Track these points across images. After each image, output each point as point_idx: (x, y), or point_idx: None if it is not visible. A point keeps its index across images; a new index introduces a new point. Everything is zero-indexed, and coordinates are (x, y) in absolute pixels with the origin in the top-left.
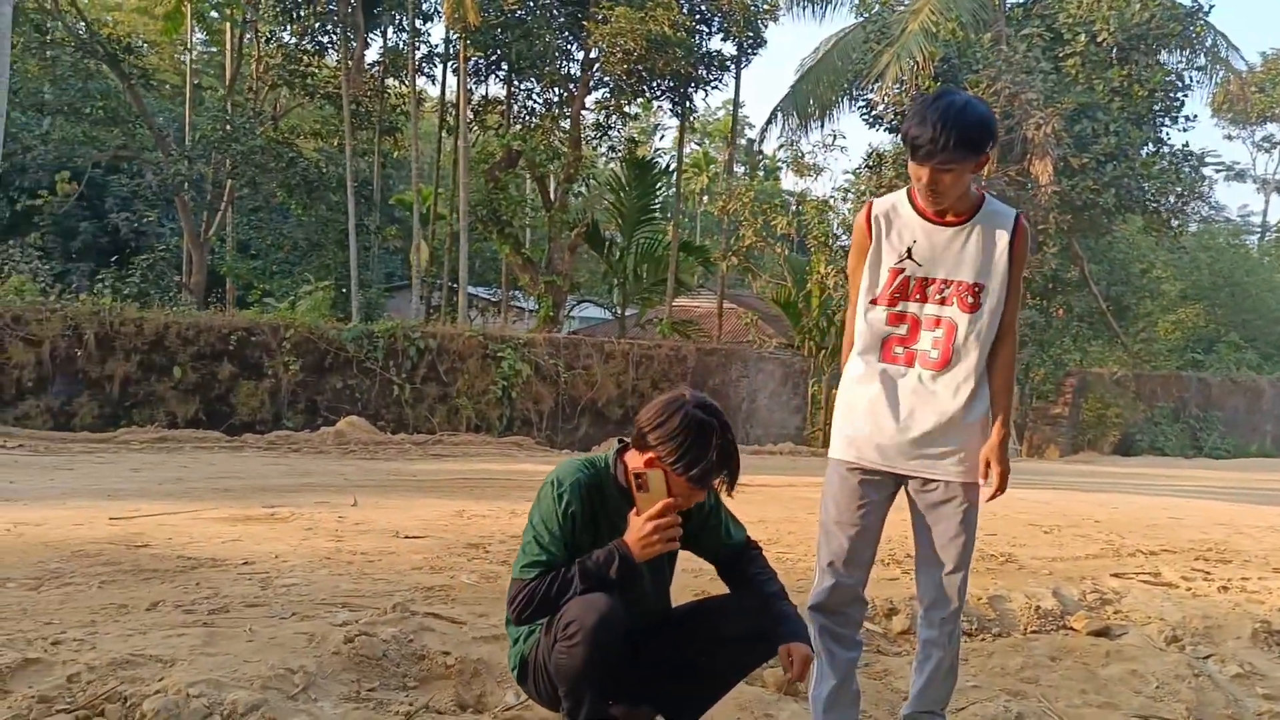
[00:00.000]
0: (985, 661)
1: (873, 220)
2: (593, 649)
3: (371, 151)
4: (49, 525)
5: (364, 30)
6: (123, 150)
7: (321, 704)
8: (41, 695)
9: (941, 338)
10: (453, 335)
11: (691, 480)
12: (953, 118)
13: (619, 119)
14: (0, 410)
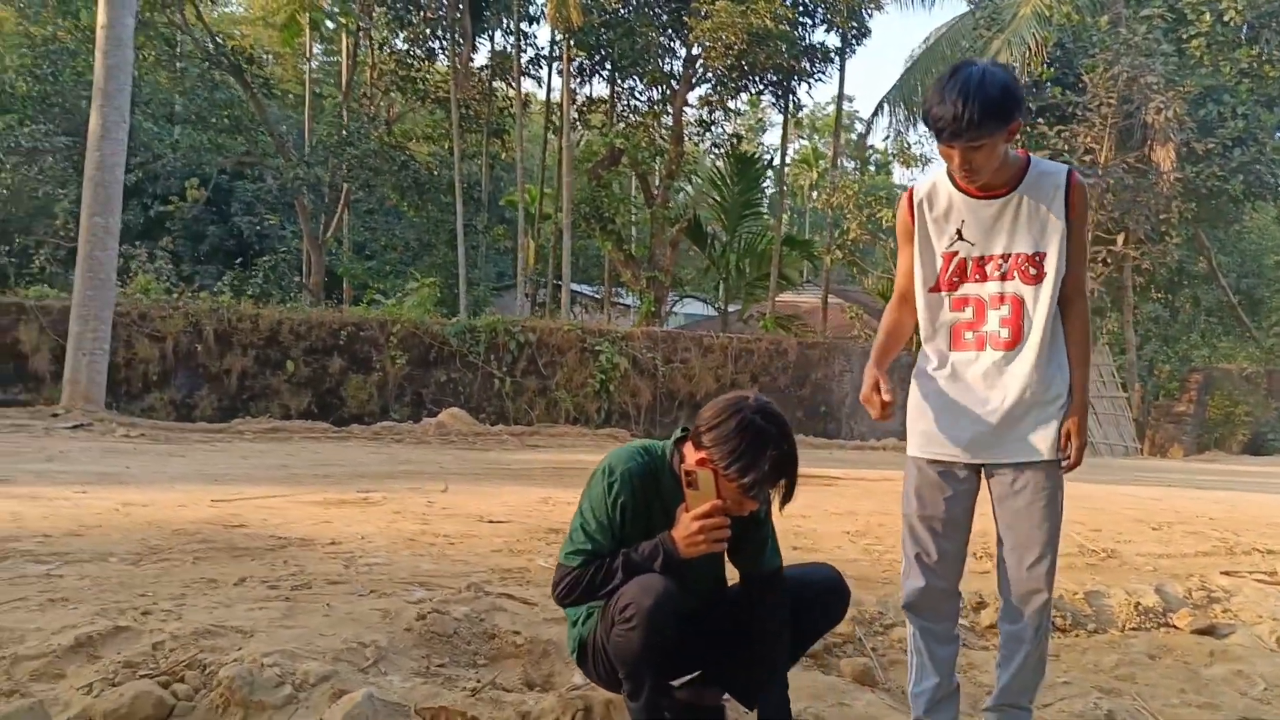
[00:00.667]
0: (1078, 658)
1: (915, 207)
2: (649, 631)
3: (481, 153)
4: (155, 506)
5: (471, 34)
6: (246, 157)
7: (391, 677)
8: (127, 660)
9: (1009, 315)
10: (552, 329)
11: (742, 488)
12: (973, 91)
13: (722, 114)
14: (128, 402)
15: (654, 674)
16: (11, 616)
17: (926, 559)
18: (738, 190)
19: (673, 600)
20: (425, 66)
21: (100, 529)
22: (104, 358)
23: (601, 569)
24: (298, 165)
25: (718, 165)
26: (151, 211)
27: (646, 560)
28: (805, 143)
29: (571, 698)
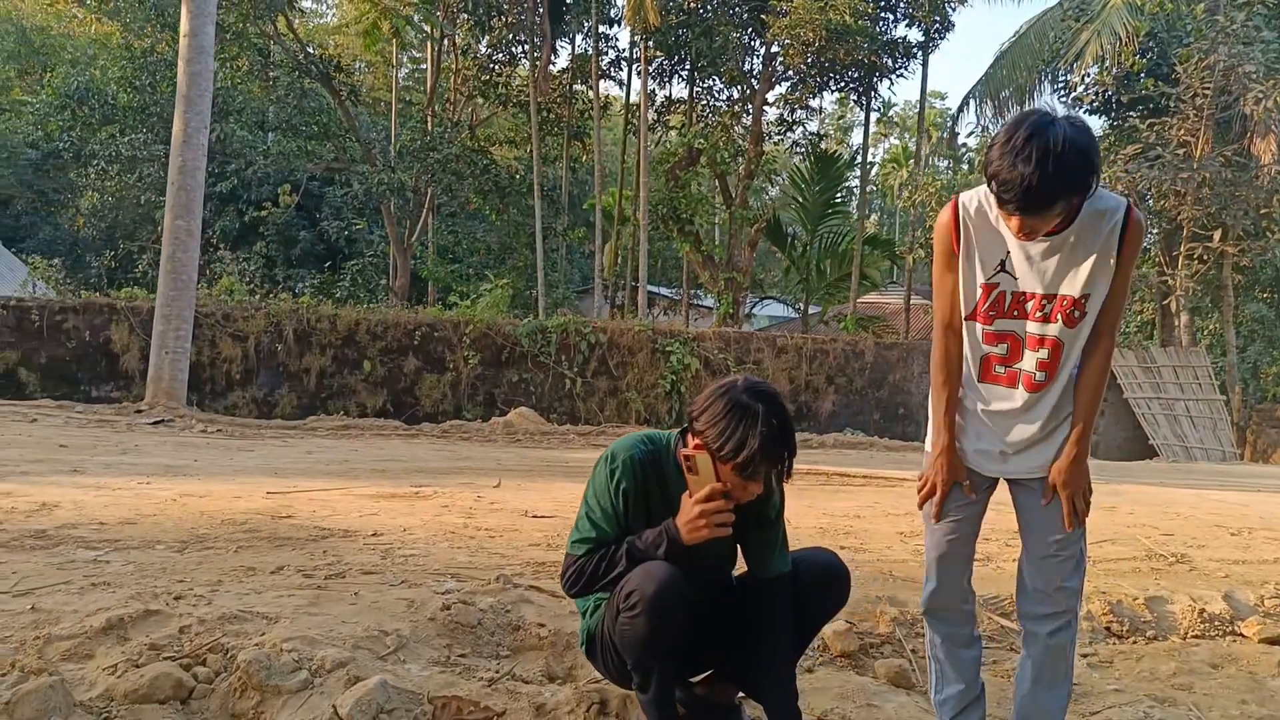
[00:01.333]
0: (1133, 665)
1: (960, 225)
2: (654, 617)
3: (562, 157)
4: (211, 497)
5: (550, 38)
6: (335, 163)
7: (409, 665)
8: (153, 643)
9: (1047, 358)
10: (623, 330)
11: (737, 468)
12: (1052, 162)
13: (803, 113)
14: (213, 400)
15: (662, 664)
16: (53, 599)
17: (943, 559)
18: (819, 189)
19: (678, 586)
20: (507, 71)
21: (154, 518)
22: (185, 356)
23: (606, 557)
24: (383, 170)
25: (798, 164)
26: (246, 217)
27: (650, 548)
28: (896, 141)
29: (588, 690)
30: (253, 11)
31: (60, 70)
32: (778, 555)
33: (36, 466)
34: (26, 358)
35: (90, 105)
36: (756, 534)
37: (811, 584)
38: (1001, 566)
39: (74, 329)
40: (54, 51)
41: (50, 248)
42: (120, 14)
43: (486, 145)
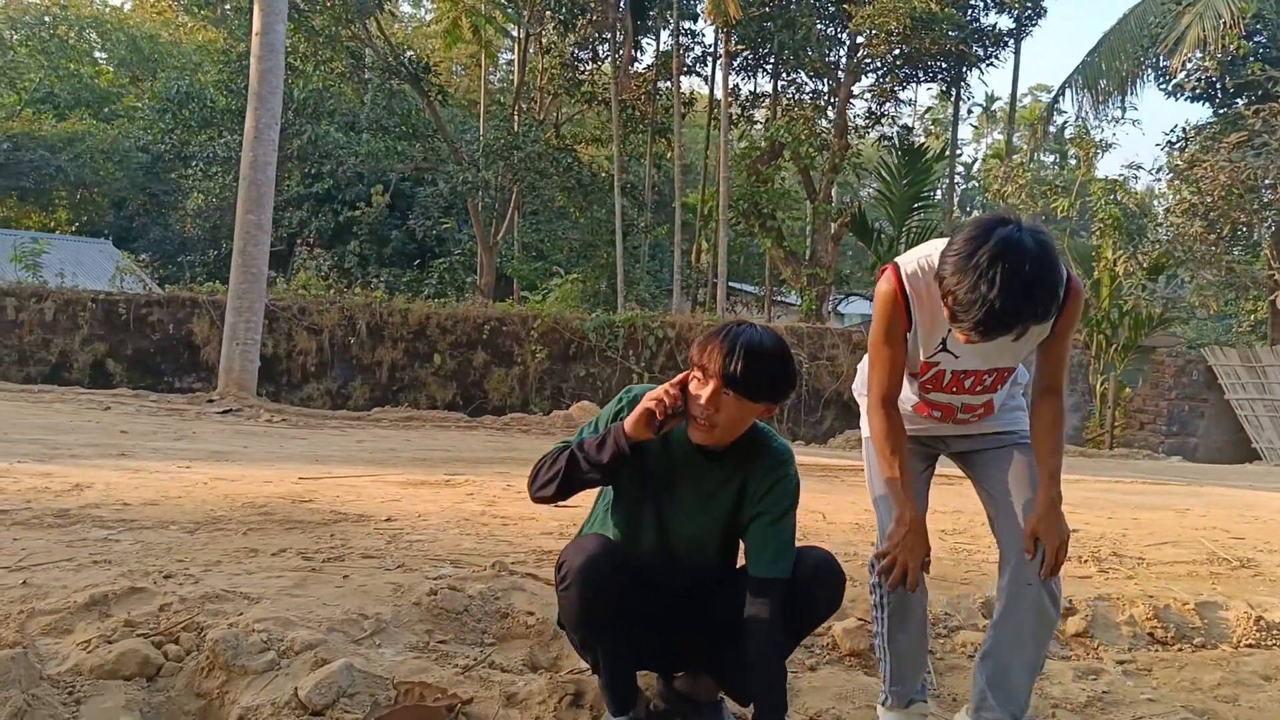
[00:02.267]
0: (1173, 675)
1: (908, 297)
2: (584, 589)
3: (646, 154)
4: (242, 481)
5: (633, 34)
6: (424, 163)
7: (384, 650)
8: (130, 620)
9: (980, 411)
10: (691, 325)
11: (716, 374)
12: (1021, 287)
13: (891, 105)
14: (289, 392)
15: (605, 642)
16: (48, 574)
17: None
18: (906, 184)
19: (609, 557)
20: (591, 69)
21: (178, 499)
22: (255, 347)
23: (561, 454)
24: (468, 169)
25: (884, 158)
26: (341, 217)
27: (595, 446)
28: (1000, 136)
29: (563, 681)
30: (344, 15)
31: (162, 76)
32: (775, 558)
33: (88, 450)
34: (114, 349)
35: (190, 109)
36: (759, 529)
37: (803, 584)
38: None
39: (159, 322)
40: (162, 58)
41: (159, 247)
42: (226, 21)
43: (572, 143)
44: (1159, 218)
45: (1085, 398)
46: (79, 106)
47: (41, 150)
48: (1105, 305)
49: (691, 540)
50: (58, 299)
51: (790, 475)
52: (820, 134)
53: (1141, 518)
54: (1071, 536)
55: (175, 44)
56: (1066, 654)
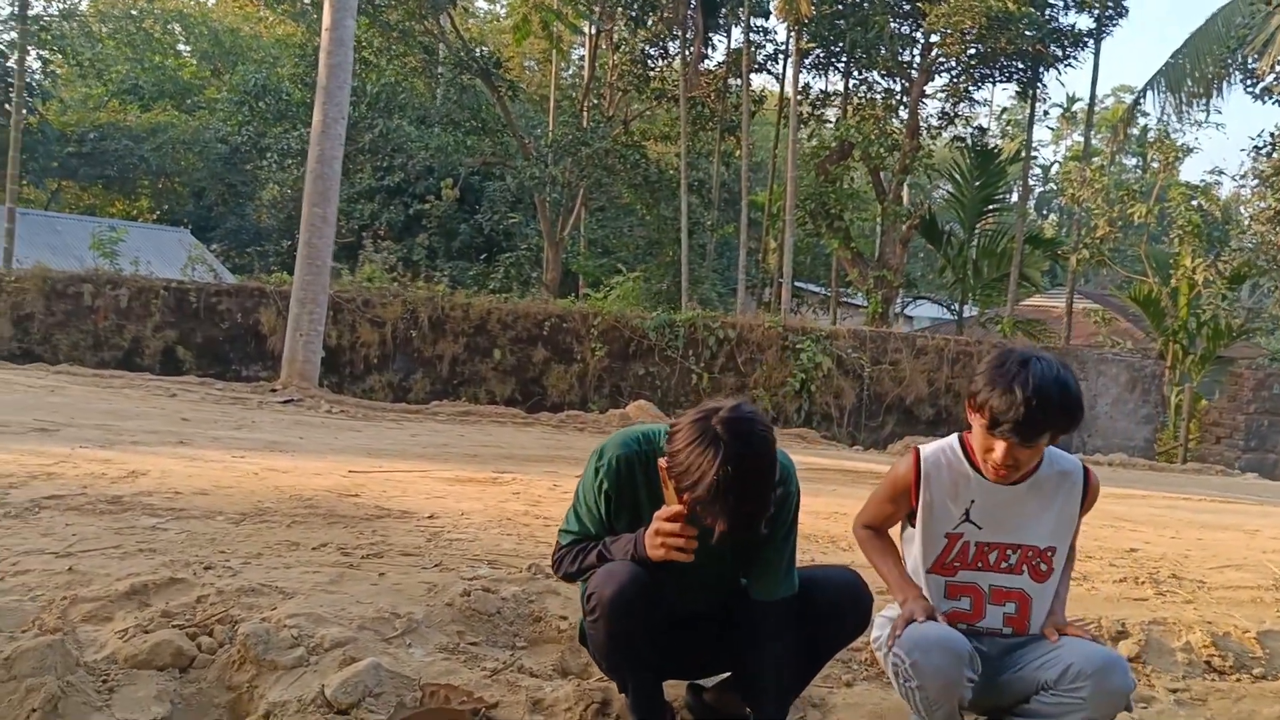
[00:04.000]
0: (1229, 706)
1: (921, 477)
2: (612, 621)
3: (714, 151)
4: (292, 473)
5: (703, 31)
6: (492, 157)
7: (414, 650)
8: (167, 610)
9: (1015, 614)
10: (752, 326)
11: (691, 505)
12: (1050, 388)
13: (966, 106)
14: (352, 383)
15: (635, 668)
16: (92, 561)
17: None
18: (978, 185)
19: (638, 588)
20: (660, 66)
21: (228, 490)
22: (318, 338)
23: (582, 551)
24: (535, 164)
25: (956, 159)
26: (411, 209)
27: (620, 553)
28: (1080, 139)
29: (590, 689)
30: (419, 10)
31: (240, 69)
32: (778, 578)
33: (149, 437)
34: (184, 337)
35: (266, 101)
36: (757, 553)
37: (827, 606)
38: (1097, 588)
39: (227, 311)
40: (243, 52)
41: (235, 237)
42: (305, 15)
43: (640, 140)
44: (1243, 225)
45: (1158, 409)
46: (162, 98)
47: (126, 140)
48: (1183, 314)
49: (709, 569)
50: (132, 286)
51: (791, 493)
52: (891, 134)
53: (1207, 538)
54: (1129, 556)
55: (255, 38)
56: None
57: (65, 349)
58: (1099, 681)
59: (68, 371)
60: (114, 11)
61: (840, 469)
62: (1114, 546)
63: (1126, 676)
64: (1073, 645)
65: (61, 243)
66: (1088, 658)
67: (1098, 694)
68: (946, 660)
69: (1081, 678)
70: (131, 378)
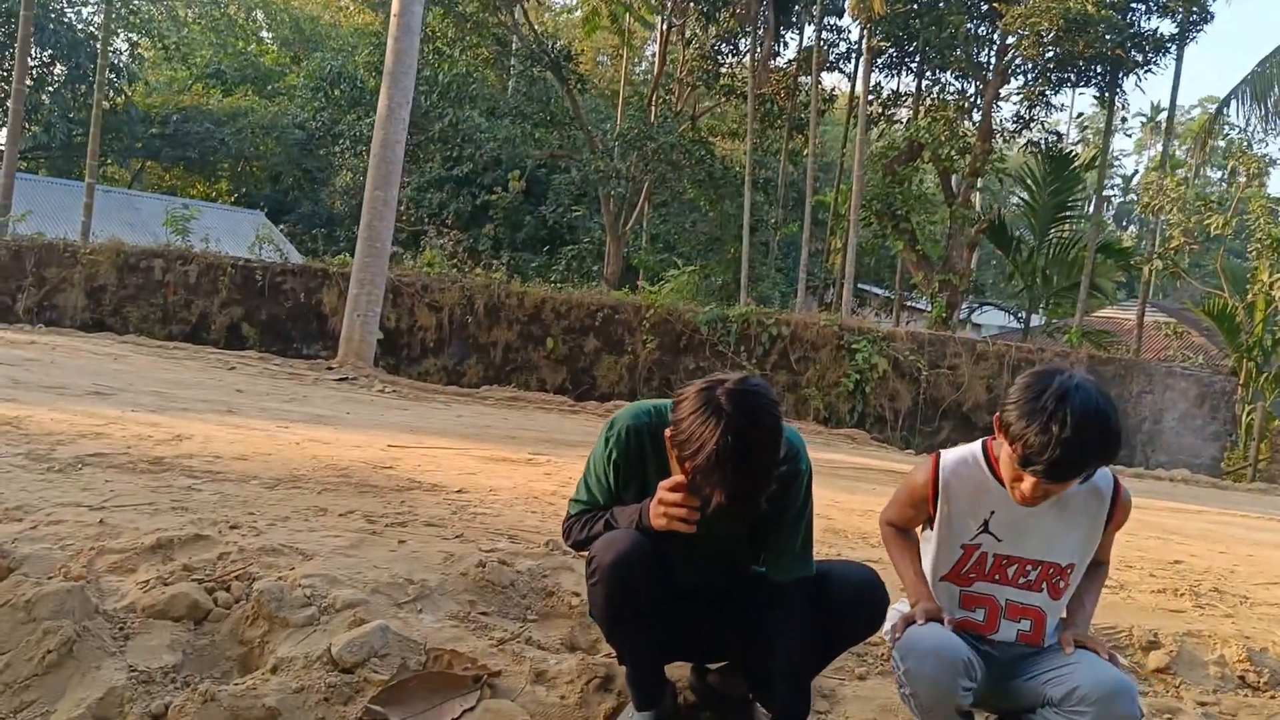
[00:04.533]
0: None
1: (940, 486)
2: (610, 588)
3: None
4: (333, 445)
5: (775, 28)
6: (559, 150)
7: (424, 615)
8: (188, 564)
9: (1030, 630)
10: (807, 324)
11: (691, 475)
12: (1088, 426)
13: (1041, 109)
14: (409, 365)
15: (634, 638)
16: (124, 515)
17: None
18: (1050, 191)
19: (639, 556)
20: (730, 62)
21: (267, 456)
22: (375, 319)
23: (591, 520)
24: (600, 157)
25: (1029, 164)
26: (479, 200)
27: (626, 521)
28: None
29: (593, 664)
30: (493, 2)
31: (316, 56)
32: (793, 559)
33: (200, 405)
34: (249, 314)
35: (341, 89)
36: (771, 535)
37: (842, 601)
38: (1134, 597)
39: (291, 290)
40: (322, 40)
41: (309, 220)
42: (385, 4)
43: (708, 137)
44: None
45: (1227, 427)
46: (244, 83)
47: (207, 123)
48: (1259, 331)
49: (713, 544)
50: (201, 262)
51: (801, 471)
52: (962, 135)
53: (1258, 555)
54: (1172, 568)
55: (335, 25)
56: (1145, 689)
57: (135, 321)
58: (1103, 709)
59: (133, 342)
60: None
61: (884, 469)
62: (1158, 558)
63: (1133, 705)
64: (1085, 665)
65: (140, 220)
66: (1096, 683)
67: (1104, 717)
68: (938, 669)
69: (1086, 702)
70: (194, 350)
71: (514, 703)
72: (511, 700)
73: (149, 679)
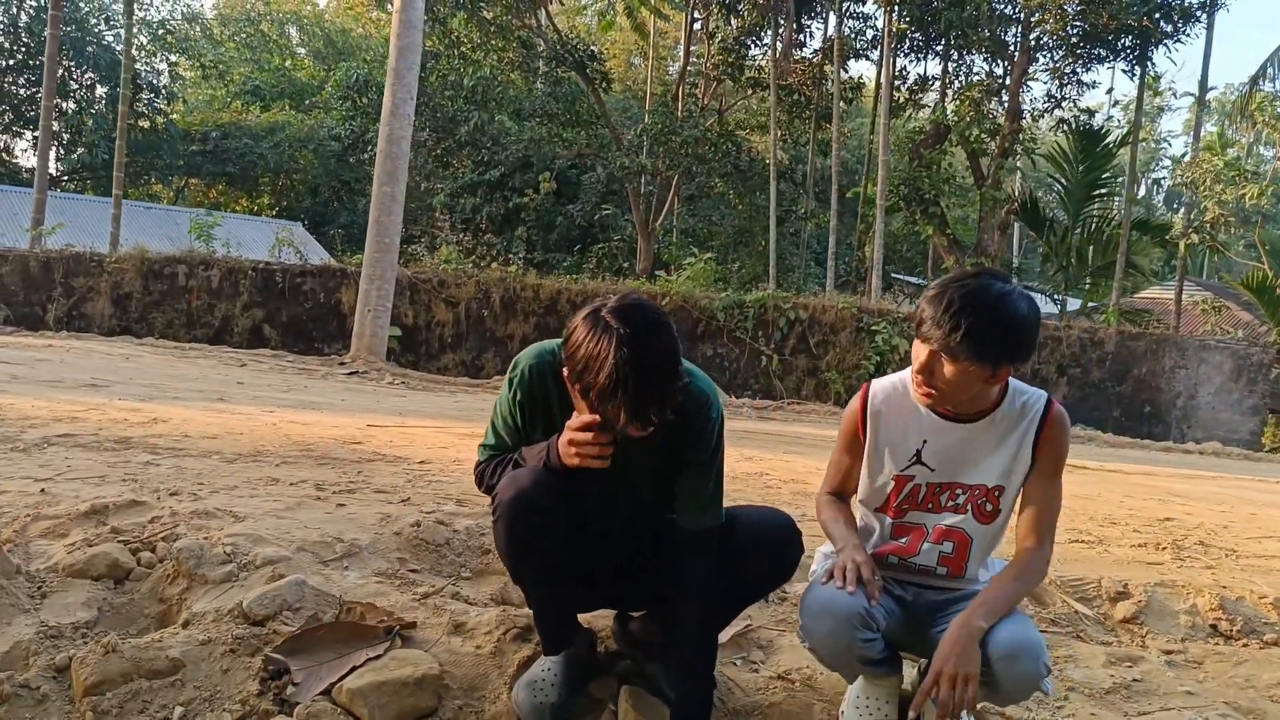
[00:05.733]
0: (1226, 669)
1: (869, 414)
2: (510, 524)
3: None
4: (311, 425)
5: (796, 17)
6: (586, 148)
7: (350, 573)
8: (118, 528)
9: (951, 553)
10: (825, 307)
11: (591, 406)
12: (973, 307)
13: (1072, 87)
14: (426, 361)
15: (537, 576)
16: (69, 486)
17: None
18: (1083, 170)
19: (540, 491)
20: (756, 55)
21: (236, 435)
22: (386, 314)
23: (501, 463)
24: (626, 154)
25: (1059, 143)
26: (511, 203)
27: (535, 460)
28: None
29: (514, 615)
30: (517, 5)
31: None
32: (703, 505)
33: (192, 395)
34: (271, 315)
35: (369, 96)
36: (687, 478)
37: (751, 544)
38: (1110, 551)
39: (311, 291)
40: (354, 52)
41: (349, 230)
42: None
43: (735, 130)
44: None
45: (1265, 400)
46: (281, 98)
47: (246, 139)
48: None
49: (623, 488)
50: (222, 267)
51: (713, 418)
52: (989, 117)
53: (1262, 514)
54: (1160, 525)
55: (366, 37)
56: (1108, 639)
57: (160, 326)
58: (1007, 665)
59: (151, 344)
60: (234, 15)
61: None
62: (1148, 516)
63: (1037, 663)
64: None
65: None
66: (995, 641)
67: (1005, 677)
68: (832, 625)
69: (986, 662)
70: (209, 349)
71: (426, 653)
72: (425, 650)
73: (58, 634)
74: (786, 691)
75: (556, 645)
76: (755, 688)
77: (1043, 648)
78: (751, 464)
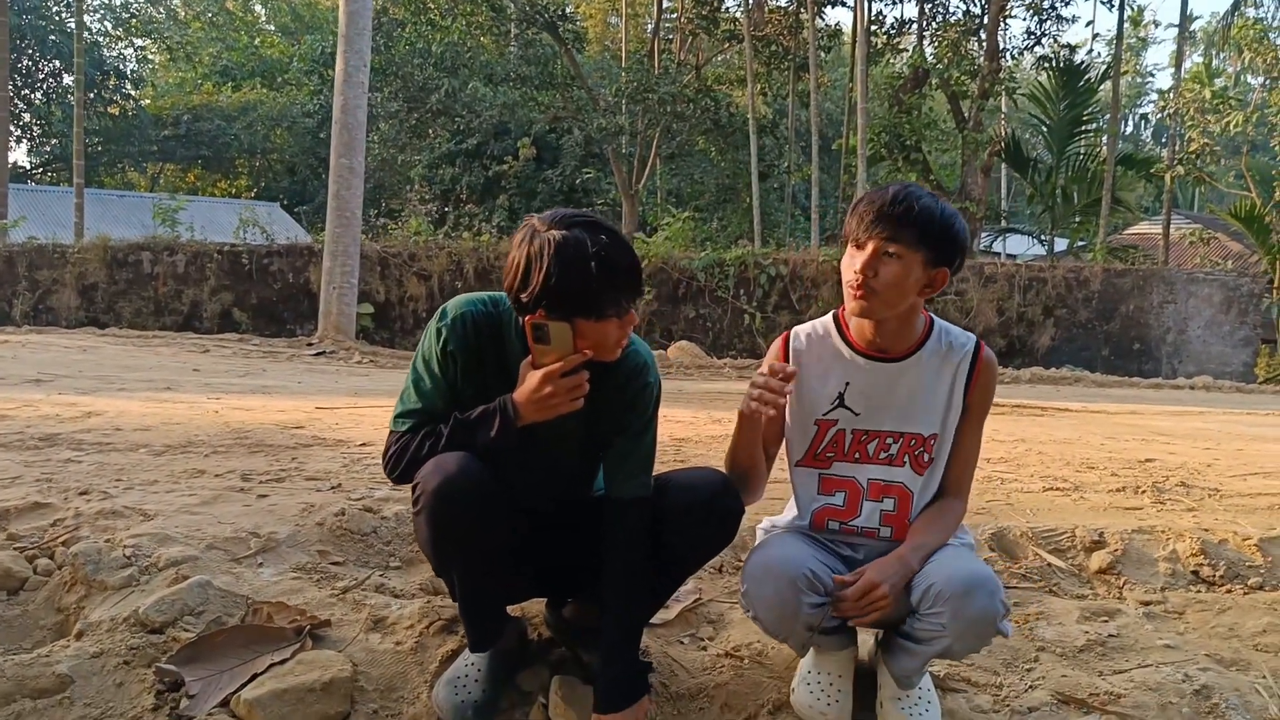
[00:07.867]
0: (1208, 619)
1: (789, 358)
2: (435, 516)
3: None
4: (255, 411)
5: None
6: (562, 111)
7: (264, 569)
8: (15, 534)
9: (894, 510)
10: (805, 261)
11: (596, 319)
12: (910, 195)
13: (1053, 23)
14: (402, 338)
15: (465, 571)
16: None
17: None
18: (1065, 107)
19: (471, 477)
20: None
21: (171, 426)
22: (352, 291)
23: (431, 434)
24: (602, 114)
25: (1040, 80)
26: (490, 172)
27: (480, 426)
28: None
29: (438, 606)
30: None
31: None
32: (633, 472)
33: (138, 385)
34: (239, 299)
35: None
36: (617, 445)
37: (683, 508)
38: (1085, 498)
39: (279, 271)
40: (321, 25)
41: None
42: None
43: (714, 86)
44: None
45: (1257, 331)
46: (252, 77)
47: (218, 120)
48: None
49: (550, 461)
50: (187, 251)
51: (650, 384)
52: (968, 57)
53: (1249, 449)
54: (1140, 466)
55: (333, 10)
56: (1083, 593)
57: (128, 316)
58: (957, 606)
59: (113, 334)
60: None
61: None
62: (1127, 457)
63: (993, 600)
64: (940, 562)
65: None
66: (948, 578)
67: (956, 620)
68: (778, 589)
69: (940, 601)
70: (172, 337)
71: (340, 653)
72: (339, 650)
73: None
74: (734, 670)
75: (484, 641)
76: (701, 668)
77: (998, 583)
78: (720, 426)
